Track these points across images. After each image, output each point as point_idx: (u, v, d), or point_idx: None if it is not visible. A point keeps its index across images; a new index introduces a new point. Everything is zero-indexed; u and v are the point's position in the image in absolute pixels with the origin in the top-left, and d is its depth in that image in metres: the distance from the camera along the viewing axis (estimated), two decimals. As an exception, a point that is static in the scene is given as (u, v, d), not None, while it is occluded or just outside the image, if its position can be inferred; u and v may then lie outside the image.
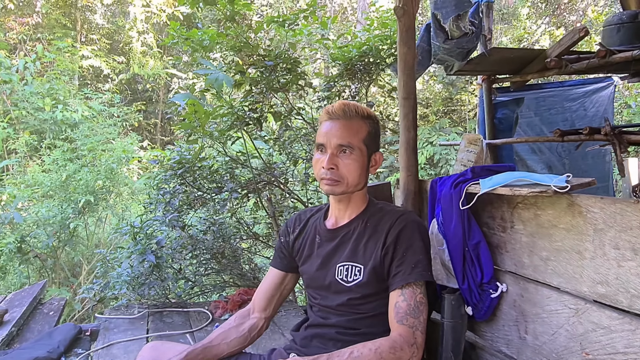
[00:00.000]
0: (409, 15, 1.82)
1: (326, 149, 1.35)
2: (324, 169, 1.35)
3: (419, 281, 1.31)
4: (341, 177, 1.35)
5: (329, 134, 1.35)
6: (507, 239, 1.43)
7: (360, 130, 1.37)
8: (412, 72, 1.86)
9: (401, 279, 1.30)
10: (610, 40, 2.65)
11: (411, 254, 1.32)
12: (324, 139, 1.36)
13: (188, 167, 2.47)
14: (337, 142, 1.34)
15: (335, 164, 1.34)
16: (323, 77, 2.98)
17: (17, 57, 10.37)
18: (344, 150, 1.35)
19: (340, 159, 1.35)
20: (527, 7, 12.10)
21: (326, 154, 1.35)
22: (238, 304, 2.48)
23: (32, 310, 2.48)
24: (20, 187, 5.03)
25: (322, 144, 1.37)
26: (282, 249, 1.60)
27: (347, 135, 1.34)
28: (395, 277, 1.31)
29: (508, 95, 3.27)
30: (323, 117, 1.40)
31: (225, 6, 2.27)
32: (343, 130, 1.35)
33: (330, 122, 1.37)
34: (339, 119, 1.36)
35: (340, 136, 1.34)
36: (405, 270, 1.30)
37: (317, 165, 1.38)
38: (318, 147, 1.39)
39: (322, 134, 1.37)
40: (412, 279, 1.29)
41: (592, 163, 3.67)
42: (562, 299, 1.24)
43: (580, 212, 1.17)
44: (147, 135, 13.12)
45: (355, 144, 1.35)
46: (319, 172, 1.38)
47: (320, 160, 1.37)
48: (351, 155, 1.35)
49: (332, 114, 1.37)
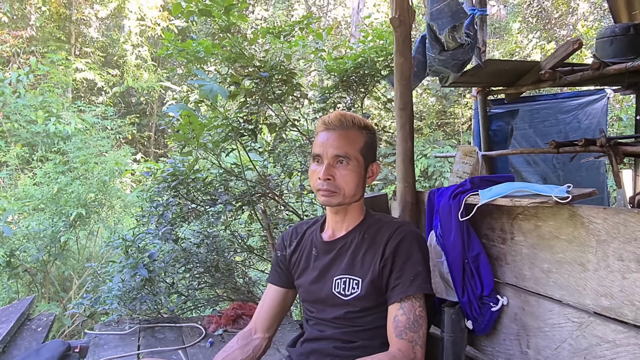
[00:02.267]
0: (405, 25, 1.82)
1: (322, 160, 1.33)
2: (320, 179, 1.32)
3: (418, 294, 1.28)
4: (338, 187, 1.33)
5: (326, 144, 1.33)
6: (507, 250, 1.40)
7: (357, 140, 1.35)
8: (408, 82, 1.85)
9: (400, 292, 1.27)
10: (604, 53, 2.67)
11: (410, 266, 1.30)
12: (321, 150, 1.34)
13: (182, 179, 2.43)
14: (333, 152, 1.32)
15: (331, 174, 1.32)
16: (318, 89, 2.97)
17: (10, 70, 10.33)
18: (340, 161, 1.32)
19: (337, 169, 1.33)
20: (519, 22, 12.29)
21: (322, 165, 1.33)
22: (232, 319, 2.43)
23: (19, 327, 2.41)
24: (10, 200, 4.95)
25: (319, 155, 1.34)
26: (279, 264, 1.57)
27: (343, 146, 1.32)
28: (394, 290, 1.29)
29: (503, 107, 3.28)
30: (319, 128, 1.38)
31: (220, 17, 2.27)
32: (340, 140, 1.33)
33: (327, 133, 1.35)
34: (336, 129, 1.34)
35: (337, 146, 1.32)
36: (404, 283, 1.28)
37: (314, 176, 1.36)
38: (314, 158, 1.37)
39: (318, 144, 1.35)
40: (411, 291, 1.27)
41: (587, 175, 3.68)
42: (565, 312, 1.21)
43: (583, 223, 1.15)
44: (140, 148, 13.06)
45: (352, 154, 1.33)
46: (315, 183, 1.36)
47: (316, 171, 1.35)
48: (348, 166, 1.33)
49: (328, 124, 1.35)
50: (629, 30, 2.62)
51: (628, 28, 2.63)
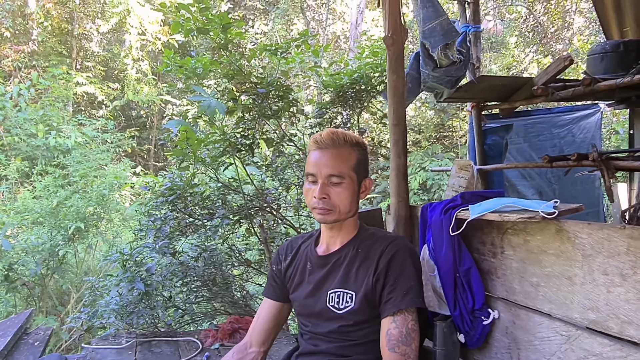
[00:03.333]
0: (398, 44, 1.86)
1: (317, 179, 1.36)
2: (315, 198, 1.35)
3: (410, 308, 1.30)
4: (333, 206, 1.36)
5: (319, 163, 1.35)
6: (498, 264, 1.43)
7: (349, 158, 1.38)
8: (401, 99, 1.89)
9: (392, 306, 1.29)
10: (595, 69, 2.72)
11: (402, 280, 1.32)
12: (314, 169, 1.36)
13: (179, 194, 2.46)
14: (327, 171, 1.34)
15: (326, 193, 1.35)
16: (315, 104, 3.01)
17: (11, 84, 10.42)
18: (334, 180, 1.35)
19: (331, 188, 1.35)
20: (515, 36, 12.43)
21: (317, 184, 1.35)
22: (229, 333, 2.44)
23: (16, 341, 2.42)
24: (9, 214, 4.97)
25: (313, 174, 1.37)
26: (274, 278, 1.59)
27: (337, 165, 1.35)
28: (386, 303, 1.31)
29: (497, 121, 3.32)
30: (311, 147, 1.40)
31: (218, 35, 2.32)
32: (333, 159, 1.35)
33: (319, 152, 1.37)
34: (328, 148, 1.36)
35: (330, 165, 1.35)
36: (396, 297, 1.30)
37: (309, 195, 1.39)
38: (308, 177, 1.39)
39: (311, 163, 1.37)
40: (403, 305, 1.29)
41: (582, 189, 3.71)
42: (554, 325, 1.23)
43: (569, 237, 1.17)
44: (140, 162, 13.11)
45: (345, 173, 1.36)
46: (310, 202, 1.38)
47: (311, 190, 1.37)
48: (342, 184, 1.36)
49: (320, 143, 1.37)
50: (619, 47, 2.67)
51: (618, 45, 2.68)
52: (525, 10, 12.22)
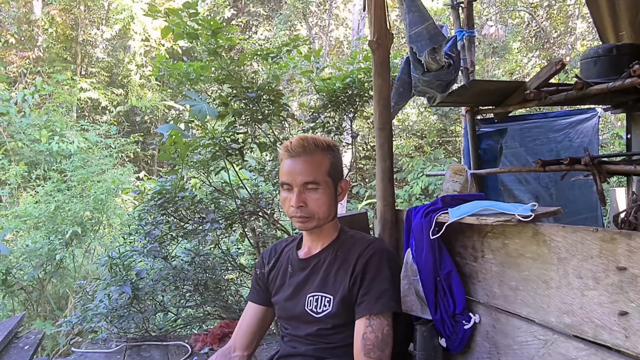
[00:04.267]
0: (383, 48, 1.87)
1: (292, 187, 1.34)
2: (293, 207, 1.34)
3: (386, 312, 1.29)
4: (311, 213, 1.35)
5: (293, 172, 1.34)
6: (479, 268, 1.41)
7: (322, 163, 1.36)
8: (387, 103, 1.89)
9: (365, 308, 1.28)
10: (588, 73, 2.70)
11: (377, 283, 1.31)
12: (289, 178, 1.34)
13: (168, 198, 2.47)
14: (302, 179, 1.33)
15: (303, 201, 1.34)
16: (307, 108, 3.02)
17: (16, 90, 10.52)
18: (310, 187, 1.34)
19: (308, 195, 1.34)
20: (518, 42, 12.42)
21: (293, 193, 1.34)
22: (218, 337, 2.43)
23: (6, 345, 2.42)
24: (8, 218, 5.00)
25: (288, 183, 1.35)
26: (258, 281, 1.59)
27: (311, 172, 1.33)
28: (360, 305, 1.30)
29: (492, 126, 3.31)
30: (283, 155, 1.38)
31: (208, 39, 2.33)
32: (306, 166, 1.33)
33: (292, 160, 1.35)
34: (300, 156, 1.34)
35: (304, 173, 1.33)
36: (369, 300, 1.30)
37: (286, 203, 1.38)
38: (283, 186, 1.38)
39: (285, 172, 1.35)
40: (376, 309, 1.28)
41: (580, 193, 3.67)
42: (532, 329, 1.22)
43: (545, 240, 1.16)
44: (144, 166, 13.17)
45: (320, 179, 1.34)
46: (289, 211, 1.38)
47: (288, 198, 1.36)
48: (318, 190, 1.34)
49: (291, 151, 1.35)
50: (611, 52, 2.66)
51: (611, 49, 2.67)
52: (527, 15, 12.21)
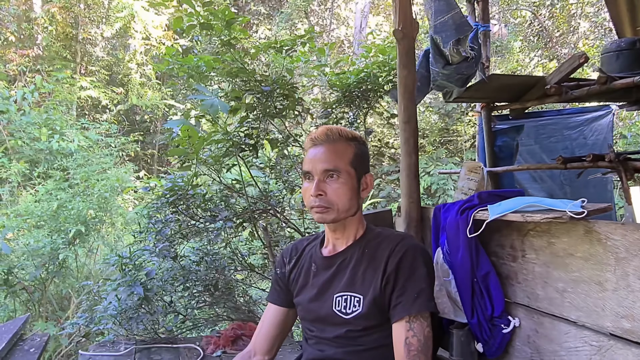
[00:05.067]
0: (408, 38, 1.79)
1: (313, 176, 1.30)
2: (312, 196, 1.28)
3: (424, 313, 1.22)
4: (331, 203, 1.28)
5: (314, 160, 1.30)
6: (518, 269, 1.34)
7: (345, 152, 1.32)
8: (412, 95, 1.81)
9: (402, 310, 1.21)
10: (610, 67, 2.63)
11: (413, 282, 1.24)
12: (310, 166, 1.31)
13: (180, 195, 2.38)
14: (322, 167, 1.29)
15: (323, 190, 1.28)
16: (320, 103, 2.94)
17: (15, 88, 10.41)
18: (330, 175, 1.29)
19: (328, 184, 1.29)
20: (520, 41, 12.36)
21: (313, 181, 1.29)
22: (231, 340, 2.35)
23: (11, 348, 2.33)
24: (9, 217, 4.90)
25: (309, 172, 1.31)
26: (278, 282, 1.52)
27: (332, 159, 1.29)
28: (396, 307, 1.23)
29: (507, 123, 3.24)
30: (307, 145, 1.36)
31: (221, 31, 2.25)
32: (328, 154, 1.30)
33: (315, 148, 1.32)
34: (323, 144, 1.31)
35: (325, 160, 1.29)
36: (406, 301, 1.22)
37: (306, 194, 1.33)
38: (305, 175, 1.34)
39: (307, 161, 1.33)
40: (414, 310, 1.21)
41: (594, 191, 3.61)
42: (582, 334, 1.14)
43: (600, 239, 1.09)
44: (144, 166, 13.08)
45: (342, 167, 1.29)
46: (308, 201, 1.32)
47: (308, 188, 1.31)
48: (339, 179, 1.29)
49: (315, 140, 1.33)
50: (635, 45, 2.59)
51: (634, 42, 2.60)
52: (530, 14, 12.15)
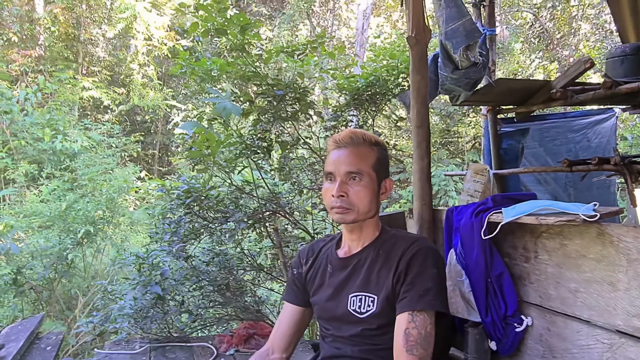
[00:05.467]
0: (421, 44, 1.84)
1: (335, 177, 1.34)
2: (333, 197, 1.32)
3: (429, 310, 1.25)
4: (352, 204, 1.33)
5: (338, 161, 1.34)
6: (531, 269, 1.38)
7: (368, 156, 1.36)
8: (425, 100, 1.86)
9: (408, 305, 1.25)
10: (614, 72, 2.68)
11: (421, 280, 1.27)
12: (333, 167, 1.34)
13: (196, 196, 2.43)
14: (346, 169, 1.32)
15: (345, 191, 1.32)
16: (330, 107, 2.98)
17: (18, 89, 10.44)
18: (353, 177, 1.33)
19: (350, 186, 1.33)
20: (520, 42, 12.41)
21: (335, 182, 1.33)
22: (244, 338, 2.39)
23: (28, 345, 2.38)
24: (18, 217, 4.94)
25: (331, 173, 1.35)
26: (295, 282, 1.55)
27: (356, 162, 1.33)
28: (401, 301, 1.27)
29: (513, 126, 3.28)
30: (330, 146, 1.39)
31: (235, 36, 2.29)
32: (351, 157, 1.34)
33: (338, 150, 1.36)
34: (347, 147, 1.35)
35: (348, 163, 1.33)
36: (412, 297, 1.25)
37: (327, 194, 1.36)
38: (327, 176, 1.37)
39: (330, 162, 1.36)
40: (419, 306, 1.24)
41: (598, 193, 3.65)
42: (594, 333, 1.19)
43: (612, 241, 1.13)
44: (145, 166, 13.11)
45: (364, 170, 1.33)
46: (329, 201, 1.36)
47: (329, 188, 1.35)
48: (361, 182, 1.33)
49: (339, 142, 1.36)
50: (639, 50, 2.64)
51: (638, 48, 2.65)
52: (531, 16, 12.21)
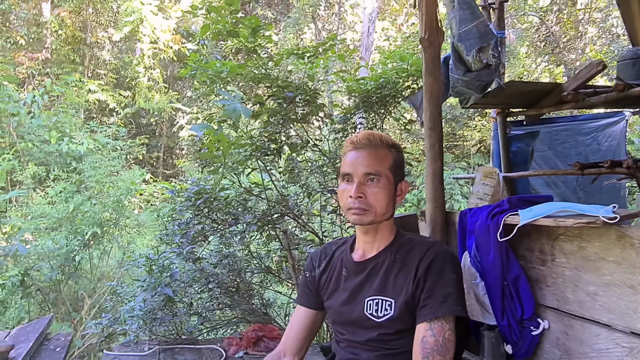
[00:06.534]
0: (434, 46, 1.83)
1: (353, 178, 1.33)
2: (351, 198, 1.32)
3: (448, 316, 1.24)
4: (369, 205, 1.32)
5: (356, 163, 1.34)
6: (548, 272, 1.37)
7: (386, 158, 1.35)
8: (438, 102, 1.85)
9: (428, 313, 1.24)
10: (626, 75, 2.66)
11: (441, 286, 1.27)
12: (351, 169, 1.34)
13: (207, 198, 2.43)
14: (364, 170, 1.32)
15: (363, 192, 1.32)
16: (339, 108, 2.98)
17: (25, 91, 10.51)
18: (371, 179, 1.32)
19: (368, 187, 1.32)
20: (526, 46, 12.39)
21: (353, 184, 1.33)
22: (253, 341, 2.38)
23: (38, 346, 2.38)
24: (26, 219, 4.96)
25: (349, 174, 1.34)
26: (307, 285, 1.54)
27: (374, 164, 1.33)
28: (422, 309, 1.26)
29: (522, 128, 3.27)
30: (347, 148, 1.39)
31: (246, 38, 2.30)
32: (370, 158, 1.33)
33: (356, 152, 1.35)
34: (365, 148, 1.35)
35: (367, 164, 1.33)
36: (433, 304, 1.25)
37: (344, 195, 1.35)
38: (344, 177, 1.37)
39: (347, 163, 1.35)
40: (440, 313, 1.23)
41: (607, 197, 3.63)
42: (614, 336, 1.17)
43: (632, 244, 1.12)
44: (149, 169, 13.15)
45: (382, 172, 1.33)
46: (346, 202, 1.35)
47: (347, 190, 1.34)
48: (379, 184, 1.32)
49: (357, 144, 1.36)
50: (651, 53, 2.62)
51: (650, 50, 2.63)
52: (537, 20, 12.19)
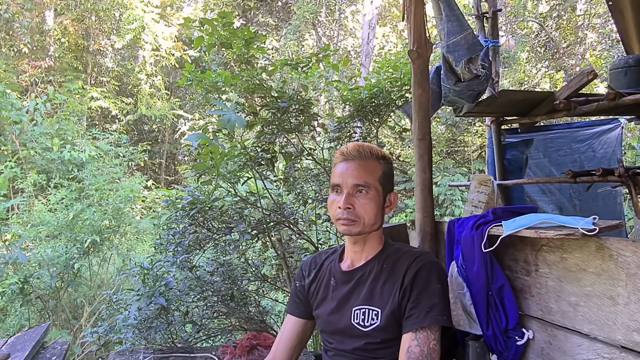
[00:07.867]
0: (422, 58, 1.86)
1: (342, 189, 1.36)
2: (340, 209, 1.34)
3: (433, 326, 1.26)
4: (358, 216, 1.34)
5: (345, 174, 1.36)
6: (532, 282, 1.38)
7: (375, 170, 1.38)
8: (426, 113, 1.87)
9: (414, 322, 1.26)
10: (618, 83, 2.68)
11: (426, 296, 1.29)
12: (340, 180, 1.36)
13: (200, 208, 2.45)
14: (353, 181, 1.34)
15: (351, 203, 1.34)
16: (334, 118, 3.00)
17: (28, 99, 10.59)
18: (360, 190, 1.35)
19: (357, 198, 1.35)
20: (527, 52, 12.42)
21: (342, 195, 1.35)
22: (247, 349, 2.39)
23: (34, 355, 2.40)
24: (26, 227, 4.99)
25: (338, 185, 1.37)
26: (297, 294, 1.56)
27: (363, 175, 1.35)
28: (408, 319, 1.28)
29: (517, 136, 3.29)
30: (337, 159, 1.41)
31: (240, 49, 2.33)
32: (359, 170, 1.36)
33: (346, 163, 1.38)
34: (354, 160, 1.37)
35: (356, 176, 1.35)
36: (419, 314, 1.27)
37: (333, 205, 1.38)
38: (333, 188, 1.39)
39: (337, 174, 1.38)
40: (426, 323, 1.25)
41: (604, 204, 3.63)
42: (595, 347, 1.19)
43: (611, 255, 1.13)
44: (151, 175, 13.22)
45: (371, 183, 1.35)
46: (335, 213, 1.37)
47: (336, 200, 1.37)
48: (367, 195, 1.35)
49: (347, 155, 1.39)
50: (643, 62, 2.64)
51: (642, 59, 2.65)
52: (536, 26, 12.22)
